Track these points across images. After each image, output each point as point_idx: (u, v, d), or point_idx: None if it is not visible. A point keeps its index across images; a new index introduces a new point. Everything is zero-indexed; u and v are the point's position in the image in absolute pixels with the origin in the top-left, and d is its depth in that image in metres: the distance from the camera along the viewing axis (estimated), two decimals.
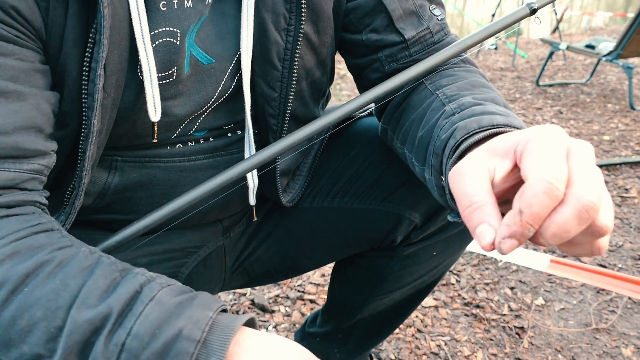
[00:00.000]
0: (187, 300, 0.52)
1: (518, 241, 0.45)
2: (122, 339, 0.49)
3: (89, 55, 0.62)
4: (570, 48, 4.56)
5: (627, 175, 2.83)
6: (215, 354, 0.48)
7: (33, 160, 0.60)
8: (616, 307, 1.73)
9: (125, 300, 0.51)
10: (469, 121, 0.61)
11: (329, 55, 0.83)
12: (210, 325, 0.49)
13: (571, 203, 0.44)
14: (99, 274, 0.53)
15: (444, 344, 1.57)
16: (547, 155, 0.46)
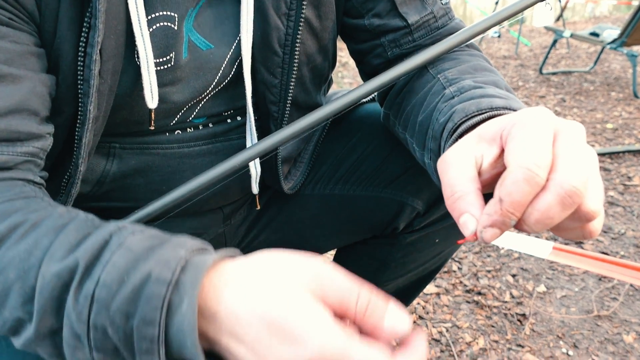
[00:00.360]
0: (158, 243, 0.48)
1: (500, 230, 0.45)
2: (91, 290, 0.46)
3: (84, 39, 0.60)
4: (574, 36, 4.52)
5: (630, 163, 2.83)
6: (187, 294, 0.43)
7: (27, 143, 0.59)
8: (618, 294, 1.73)
9: (93, 250, 0.48)
10: (467, 104, 0.61)
11: (330, 40, 0.82)
12: (183, 265, 0.45)
13: (553, 189, 0.43)
14: (71, 228, 0.50)
15: (446, 331, 1.57)
16: (529, 141, 0.45)
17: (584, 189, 0.43)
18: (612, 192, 2.50)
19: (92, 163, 0.77)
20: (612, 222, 2.22)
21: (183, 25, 0.70)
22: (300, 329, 0.41)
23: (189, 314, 0.43)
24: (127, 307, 0.45)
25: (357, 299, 0.43)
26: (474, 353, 1.48)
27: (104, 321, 0.45)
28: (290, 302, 0.42)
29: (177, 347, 0.45)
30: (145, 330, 0.44)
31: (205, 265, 0.45)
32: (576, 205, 0.44)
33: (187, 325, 0.43)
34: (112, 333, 0.46)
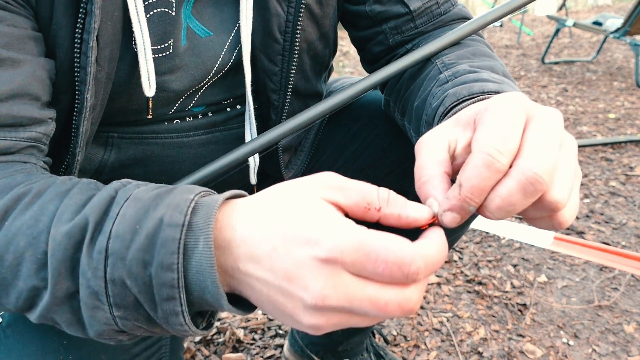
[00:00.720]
0: (165, 191, 0.48)
1: (459, 215, 0.45)
2: (104, 244, 0.45)
3: (80, 26, 0.59)
4: (577, 25, 4.49)
5: (633, 153, 2.82)
6: (202, 233, 0.43)
7: (30, 128, 0.59)
8: (619, 284, 1.73)
9: (101, 207, 0.47)
10: (459, 88, 0.60)
11: (331, 27, 0.81)
12: (193, 207, 0.45)
13: (514, 175, 0.42)
14: (75, 192, 0.50)
15: (446, 320, 1.57)
16: (495, 126, 0.44)
17: (548, 177, 0.42)
18: (614, 182, 2.49)
19: (90, 153, 0.76)
20: (614, 212, 2.22)
21: (181, 11, 0.68)
22: (313, 231, 0.40)
23: (206, 253, 0.43)
24: (143, 255, 0.44)
25: (377, 192, 0.44)
26: (474, 343, 1.49)
27: (121, 273, 0.45)
28: (301, 210, 0.42)
29: (198, 292, 0.45)
30: (164, 276, 0.44)
31: (216, 202, 0.45)
32: (539, 193, 0.42)
33: (206, 264, 0.43)
34: (130, 284, 0.45)
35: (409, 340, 1.50)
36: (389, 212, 0.43)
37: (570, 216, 0.46)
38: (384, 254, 0.39)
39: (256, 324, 1.55)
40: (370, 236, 0.39)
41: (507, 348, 1.47)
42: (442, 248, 0.42)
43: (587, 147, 2.88)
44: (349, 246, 0.39)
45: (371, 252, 0.39)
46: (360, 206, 0.43)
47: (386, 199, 0.43)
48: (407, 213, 0.44)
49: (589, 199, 2.33)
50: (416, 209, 0.44)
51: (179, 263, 0.43)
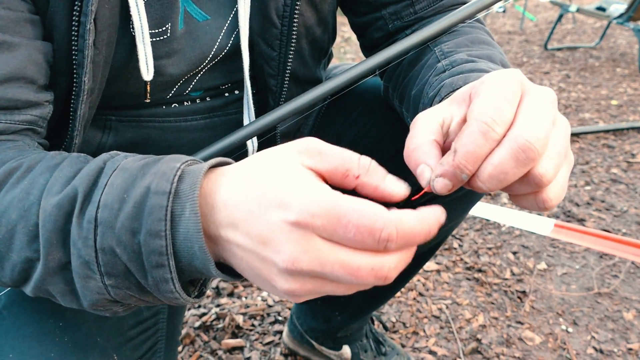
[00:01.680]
0: (152, 160, 0.48)
1: (451, 182, 0.45)
2: (93, 214, 0.46)
3: (77, 8, 0.59)
4: (581, 10, 4.45)
5: (634, 140, 2.80)
6: (188, 200, 0.44)
7: (25, 111, 0.59)
8: (619, 271, 1.73)
9: (89, 178, 0.48)
10: (456, 78, 0.60)
11: (330, 12, 0.80)
12: (179, 175, 0.45)
13: (507, 143, 0.43)
14: (64, 165, 0.51)
15: (446, 308, 1.58)
16: (491, 97, 0.45)
17: (540, 146, 0.42)
18: (616, 169, 2.48)
19: (88, 136, 0.75)
20: (615, 199, 2.21)
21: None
22: (285, 195, 0.40)
23: (192, 219, 0.43)
24: (131, 224, 0.45)
25: (358, 159, 0.42)
26: (473, 330, 1.49)
27: (111, 242, 0.46)
28: (277, 174, 0.42)
29: (186, 258, 0.45)
30: (153, 243, 0.44)
31: (201, 169, 0.45)
32: (531, 163, 0.43)
33: (193, 230, 0.43)
34: (120, 252, 0.46)
35: (408, 327, 1.51)
36: (366, 180, 0.42)
37: (555, 196, 0.46)
38: (355, 218, 0.38)
39: (255, 310, 1.55)
40: (343, 200, 0.39)
41: (506, 335, 1.47)
42: (422, 221, 0.41)
43: (589, 134, 2.87)
44: (319, 210, 0.38)
45: (342, 216, 0.38)
46: (338, 172, 0.42)
47: (366, 167, 0.42)
48: (385, 185, 0.43)
49: (590, 186, 2.33)
50: (394, 183, 0.43)
51: (166, 230, 0.44)
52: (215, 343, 1.43)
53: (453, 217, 1.00)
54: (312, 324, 1.32)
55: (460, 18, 0.71)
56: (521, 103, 0.45)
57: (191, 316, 1.53)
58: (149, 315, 0.78)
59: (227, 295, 1.62)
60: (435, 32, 0.71)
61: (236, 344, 1.42)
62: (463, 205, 0.97)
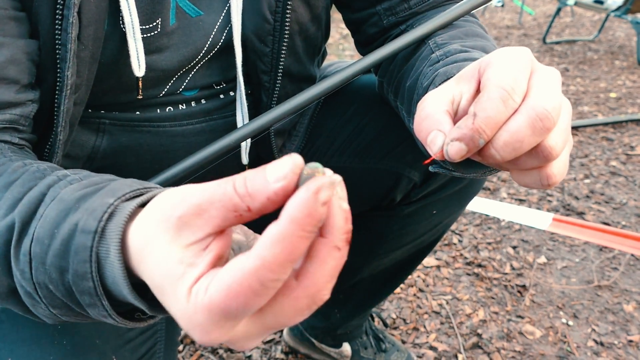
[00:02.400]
0: (92, 191, 0.44)
1: (467, 147, 0.44)
2: (28, 247, 0.44)
3: (61, 1, 0.58)
4: (579, 3, 4.44)
5: (633, 132, 2.80)
6: (112, 242, 0.39)
7: (4, 111, 0.58)
8: (619, 264, 1.73)
9: (30, 207, 0.45)
10: (450, 67, 0.60)
11: (323, 9, 0.80)
12: (111, 212, 0.41)
13: (524, 111, 0.43)
14: (17, 184, 0.48)
15: (446, 303, 1.58)
16: (507, 68, 0.45)
17: (556, 117, 0.43)
18: (615, 161, 2.48)
19: (82, 139, 0.75)
20: (614, 192, 2.21)
21: None
22: (170, 308, 0.36)
23: (116, 264, 0.39)
24: (59, 262, 0.42)
25: (234, 190, 0.34)
26: (474, 325, 1.49)
27: (44, 278, 0.44)
28: (159, 283, 0.36)
29: (121, 297, 0.42)
30: (82, 284, 0.41)
31: (127, 210, 0.40)
32: (546, 133, 0.43)
33: (119, 276, 0.40)
34: (54, 289, 0.44)
35: (408, 323, 1.51)
36: (259, 205, 0.33)
37: (559, 172, 0.46)
38: (233, 299, 0.32)
39: None
40: (211, 297, 0.32)
41: (507, 329, 1.47)
42: (279, 244, 0.32)
43: (588, 127, 2.86)
44: (210, 326, 0.33)
45: (226, 310, 0.32)
46: (230, 219, 0.34)
47: (246, 194, 0.33)
48: (272, 188, 0.32)
49: (590, 179, 2.32)
50: (274, 172, 0.33)
51: (92, 272, 0.40)
52: None
53: (450, 212, 1.00)
54: (312, 322, 1.32)
55: (458, 14, 0.71)
56: (532, 78, 0.45)
57: None
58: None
59: None
60: (432, 28, 0.71)
61: None
62: (460, 200, 0.98)
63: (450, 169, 0.61)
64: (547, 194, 2.19)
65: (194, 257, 0.34)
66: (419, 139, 0.49)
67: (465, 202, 0.99)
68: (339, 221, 0.33)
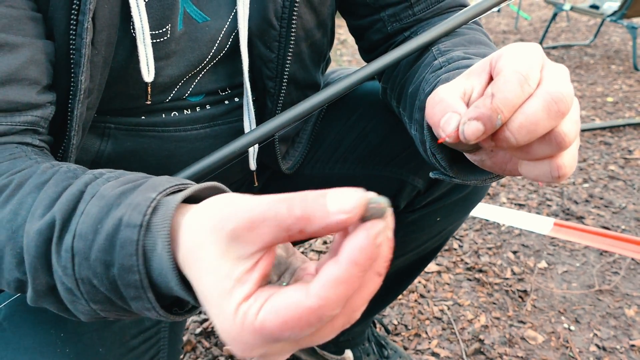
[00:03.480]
0: (131, 187, 0.46)
1: (484, 127, 0.44)
2: (70, 243, 0.45)
3: (76, 7, 0.59)
4: (574, 8, 4.46)
5: (631, 136, 2.81)
6: (160, 235, 0.41)
7: (27, 112, 0.59)
8: (619, 268, 1.73)
9: (69, 204, 0.46)
10: (452, 74, 0.60)
11: (329, 15, 0.80)
12: (154, 207, 0.42)
13: (540, 94, 0.43)
14: (50, 184, 0.50)
15: (447, 309, 1.57)
16: (521, 57, 0.46)
17: (570, 102, 0.44)
18: (613, 165, 2.49)
19: (87, 143, 0.75)
20: (613, 196, 2.22)
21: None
22: (219, 326, 0.36)
23: (164, 256, 0.41)
24: (104, 256, 0.43)
25: (288, 212, 0.34)
26: (475, 330, 1.49)
27: (88, 272, 0.44)
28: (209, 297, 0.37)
29: (166, 289, 0.43)
30: (127, 277, 0.42)
31: (174, 204, 0.42)
32: (560, 118, 0.43)
33: (167, 267, 0.41)
34: (98, 284, 0.45)
35: (409, 329, 1.50)
36: (313, 230, 0.34)
37: (569, 164, 0.46)
38: (283, 333, 0.34)
39: None
40: (264, 323, 0.34)
41: (509, 335, 1.47)
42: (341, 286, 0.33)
43: (586, 131, 2.87)
44: (256, 345, 0.35)
45: (278, 335, 0.34)
46: (281, 238, 0.35)
47: (302, 217, 0.34)
48: (333, 219, 0.33)
49: (588, 184, 2.33)
50: (341, 205, 0.33)
51: (139, 265, 0.42)
52: (217, 349, 1.43)
53: (454, 219, 1.00)
54: None
55: (460, 22, 0.71)
56: (543, 69, 0.46)
57: (192, 323, 1.52)
58: (150, 324, 0.78)
59: None
60: (436, 35, 0.71)
61: None
62: (463, 207, 0.97)
63: (450, 176, 0.61)
64: (547, 199, 2.20)
65: (242, 273, 0.35)
66: (431, 123, 0.49)
67: (468, 210, 0.99)
68: (385, 251, 0.35)
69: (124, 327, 0.73)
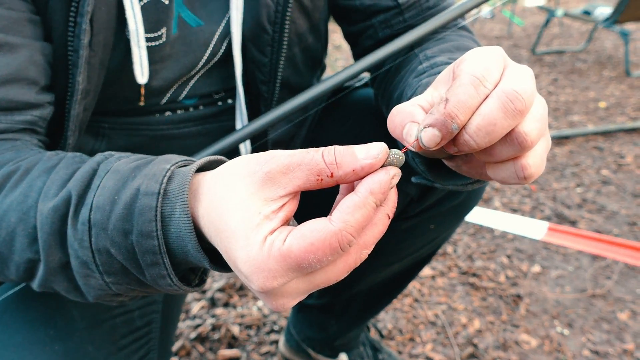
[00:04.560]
0: (144, 163, 0.49)
1: (441, 133, 0.43)
2: (87, 215, 0.47)
3: (74, 9, 0.60)
4: (567, 15, 4.50)
5: (623, 141, 2.83)
6: (178, 200, 0.44)
7: (26, 112, 0.60)
8: (612, 272, 1.74)
9: (83, 180, 0.49)
10: (432, 78, 0.60)
11: (322, 20, 0.81)
12: (169, 176, 0.46)
13: (495, 94, 0.43)
14: (60, 167, 0.52)
15: (441, 313, 1.58)
16: (479, 60, 0.45)
17: (528, 99, 0.43)
18: (605, 170, 2.51)
19: (82, 142, 0.76)
20: (606, 200, 2.23)
21: (173, 0, 0.69)
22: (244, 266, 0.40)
23: (183, 219, 0.44)
24: (123, 225, 0.46)
25: (322, 158, 0.40)
26: (469, 334, 1.49)
27: (105, 242, 0.47)
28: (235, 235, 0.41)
29: (181, 255, 0.46)
30: (145, 243, 0.45)
31: (190, 170, 0.46)
32: (518, 117, 0.43)
33: (185, 230, 0.44)
34: (115, 253, 0.47)
35: (404, 334, 1.51)
36: (342, 173, 0.40)
37: (535, 163, 0.46)
38: (312, 257, 0.39)
39: (251, 319, 1.54)
40: (292, 247, 0.39)
41: (502, 339, 1.47)
42: (363, 202, 0.40)
43: (579, 136, 2.89)
44: (278, 272, 0.39)
45: (300, 261, 0.39)
46: (312, 181, 0.40)
47: (334, 162, 0.40)
48: (361, 164, 0.40)
49: (581, 188, 2.34)
50: (367, 150, 0.41)
51: (157, 230, 0.45)
52: (212, 354, 1.43)
53: (448, 226, 1.00)
54: (309, 333, 1.32)
55: (443, 22, 0.73)
56: (505, 69, 0.46)
57: (187, 327, 1.52)
58: (141, 324, 0.78)
59: (222, 306, 1.61)
60: (420, 35, 0.72)
61: (232, 355, 1.42)
62: (457, 214, 0.98)
63: (431, 180, 0.60)
64: (540, 203, 2.21)
65: (270, 212, 0.40)
66: (393, 135, 0.49)
67: (462, 217, 1.00)
68: (393, 196, 0.43)
69: (114, 326, 0.74)
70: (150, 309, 0.80)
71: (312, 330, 1.30)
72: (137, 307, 0.77)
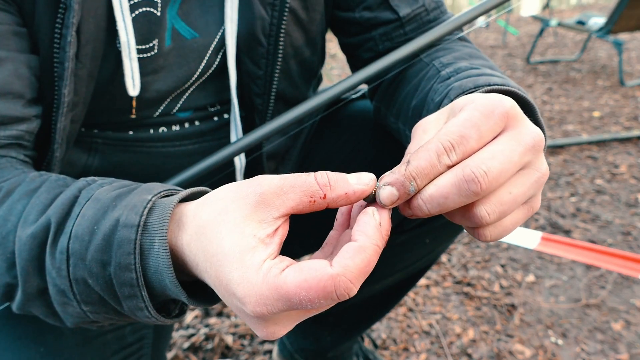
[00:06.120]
0: (126, 192, 0.48)
1: (398, 192, 0.42)
2: (65, 244, 0.46)
3: (60, 21, 0.59)
4: (562, 24, 4.53)
5: (617, 151, 2.84)
6: (157, 234, 0.43)
7: (12, 126, 0.59)
8: (606, 282, 1.75)
9: (63, 207, 0.48)
10: (464, 81, 0.59)
11: (319, 33, 0.80)
12: (150, 208, 0.45)
13: (454, 170, 0.42)
14: (42, 191, 0.51)
15: (436, 323, 1.58)
16: (464, 123, 0.43)
17: (486, 184, 0.41)
18: (599, 180, 2.52)
19: (74, 157, 0.75)
20: (600, 210, 2.24)
21: (167, 12, 0.68)
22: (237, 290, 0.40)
23: (161, 254, 0.43)
24: (101, 256, 0.45)
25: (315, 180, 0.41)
26: (463, 344, 1.49)
27: (83, 273, 0.46)
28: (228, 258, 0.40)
29: (159, 288, 0.45)
30: (123, 275, 0.44)
31: (171, 203, 0.45)
32: (473, 197, 0.41)
33: (163, 265, 0.43)
34: (92, 283, 0.46)
35: (398, 344, 1.50)
36: (335, 195, 0.41)
37: (492, 237, 0.45)
38: (304, 295, 0.38)
39: (245, 329, 1.54)
40: (287, 280, 0.38)
41: (497, 349, 1.47)
42: (359, 255, 0.39)
43: (573, 145, 2.91)
44: (270, 301, 0.38)
45: (292, 297, 0.38)
46: (304, 202, 0.41)
47: (327, 184, 0.41)
48: (353, 188, 0.42)
49: (575, 198, 2.35)
50: (359, 179, 0.43)
51: (136, 263, 0.44)
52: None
53: (442, 240, 1.00)
54: (302, 344, 1.31)
55: (446, 31, 0.73)
56: (497, 138, 0.43)
57: (180, 337, 1.51)
58: (133, 340, 0.78)
59: (215, 315, 1.60)
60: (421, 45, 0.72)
61: None
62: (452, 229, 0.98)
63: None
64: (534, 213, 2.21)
65: (265, 235, 0.40)
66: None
67: (457, 232, 1.00)
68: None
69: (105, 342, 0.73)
70: (142, 324, 0.79)
71: (305, 341, 1.30)
72: (129, 323, 0.77)
